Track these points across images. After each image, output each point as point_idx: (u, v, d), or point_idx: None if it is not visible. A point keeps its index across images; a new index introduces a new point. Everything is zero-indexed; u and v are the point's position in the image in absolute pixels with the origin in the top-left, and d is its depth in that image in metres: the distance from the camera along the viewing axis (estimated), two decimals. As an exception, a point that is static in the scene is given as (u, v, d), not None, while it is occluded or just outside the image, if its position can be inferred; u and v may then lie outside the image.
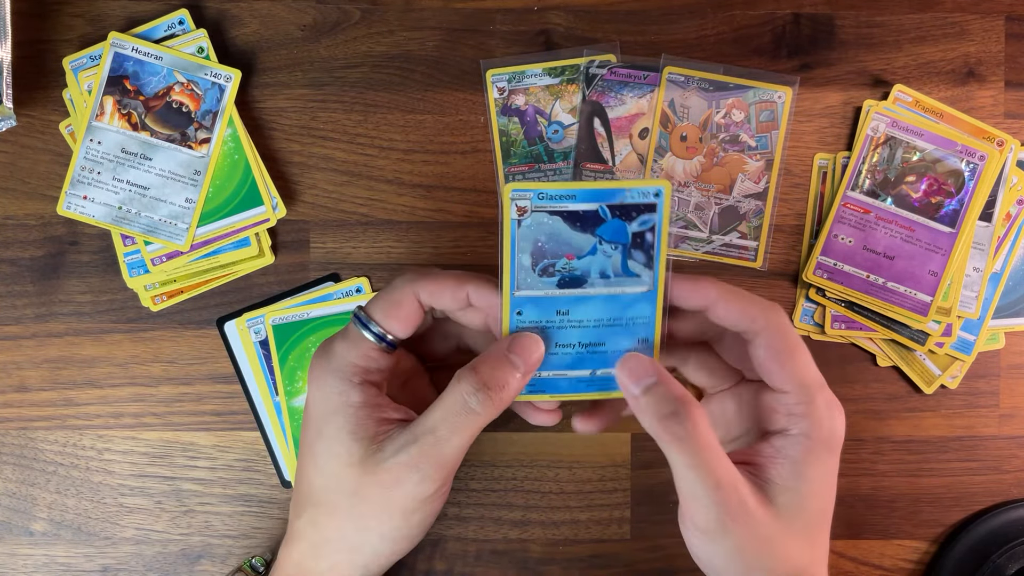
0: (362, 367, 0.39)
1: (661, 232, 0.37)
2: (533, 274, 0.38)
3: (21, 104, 0.51)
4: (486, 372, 0.38)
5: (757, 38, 0.52)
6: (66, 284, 0.52)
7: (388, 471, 0.38)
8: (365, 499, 0.39)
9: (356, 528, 0.39)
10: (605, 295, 0.38)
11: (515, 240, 0.37)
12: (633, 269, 0.38)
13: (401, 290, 0.40)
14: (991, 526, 0.51)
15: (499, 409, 0.38)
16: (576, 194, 0.37)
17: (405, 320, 0.40)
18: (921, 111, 0.52)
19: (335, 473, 0.39)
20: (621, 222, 0.37)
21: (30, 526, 0.51)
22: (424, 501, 0.38)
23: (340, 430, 0.39)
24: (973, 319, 0.51)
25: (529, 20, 0.52)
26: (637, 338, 0.38)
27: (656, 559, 0.52)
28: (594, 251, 0.38)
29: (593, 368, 0.39)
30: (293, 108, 0.52)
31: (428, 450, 0.38)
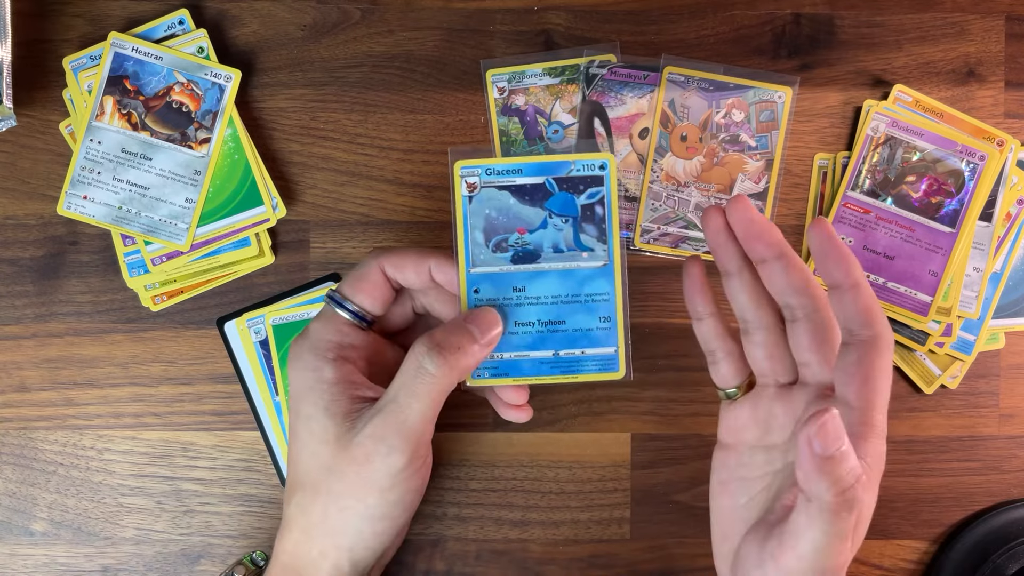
0: (335, 342, 0.40)
1: (611, 204, 0.38)
2: (487, 250, 0.38)
3: (21, 104, 0.51)
4: (440, 335, 0.38)
5: (757, 38, 0.52)
6: (66, 284, 0.52)
7: (359, 446, 0.38)
8: (342, 476, 0.39)
9: (337, 508, 0.39)
10: (560, 270, 0.38)
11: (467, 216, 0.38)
12: (586, 243, 0.38)
13: (367, 265, 0.41)
14: (991, 526, 0.51)
15: (456, 372, 0.38)
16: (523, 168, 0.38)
17: (373, 293, 0.40)
18: (921, 111, 0.52)
19: (314, 452, 0.40)
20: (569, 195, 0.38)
21: (30, 526, 0.51)
22: (397, 476, 0.38)
23: (315, 407, 0.40)
24: (973, 319, 0.51)
25: (529, 20, 0.52)
26: (598, 316, 0.39)
27: (656, 559, 0.52)
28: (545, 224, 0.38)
29: (555, 348, 0.39)
30: (293, 108, 0.52)
31: (390, 419, 0.38)
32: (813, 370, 0.37)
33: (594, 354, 0.39)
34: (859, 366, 0.34)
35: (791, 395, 0.39)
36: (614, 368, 0.40)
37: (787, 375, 0.39)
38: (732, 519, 0.40)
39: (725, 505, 0.40)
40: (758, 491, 0.39)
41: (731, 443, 0.41)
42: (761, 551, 0.35)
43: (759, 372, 0.40)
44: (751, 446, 0.40)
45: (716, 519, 0.41)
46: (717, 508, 0.41)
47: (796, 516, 0.33)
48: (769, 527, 0.35)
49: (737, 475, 0.40)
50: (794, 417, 0.38)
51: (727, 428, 0.41)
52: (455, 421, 0.52)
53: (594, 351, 0.39)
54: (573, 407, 0.52)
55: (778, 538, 0.34)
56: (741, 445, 0.40)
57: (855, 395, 0.34)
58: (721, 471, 0.41)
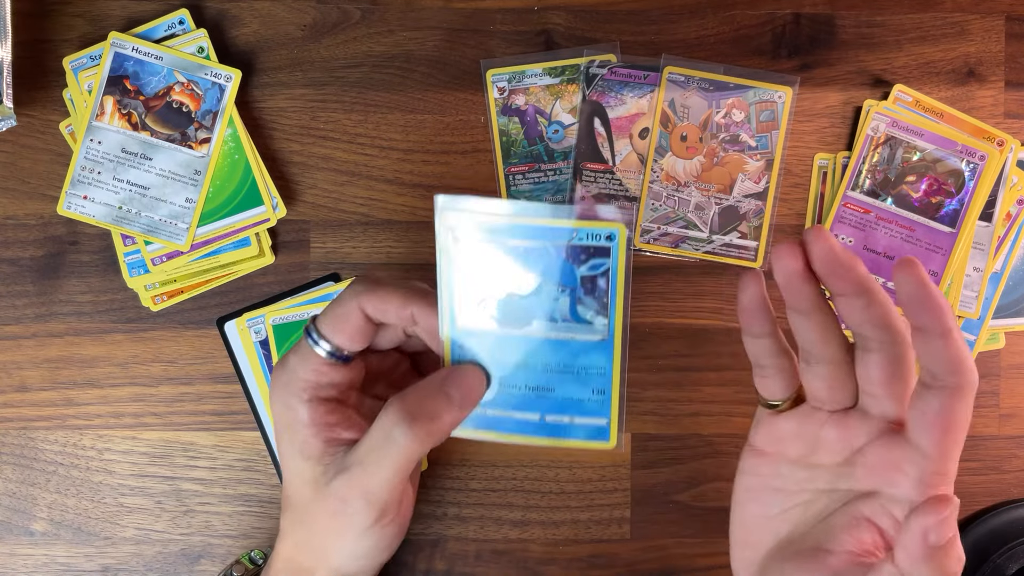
0: (312, 382, 0.38)
1: (616, 278, 0.33)
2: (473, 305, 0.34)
3: (21, 104, 0.51)
4: (413, 402, 0.36)
5: (757, 38, 0.52)
6: (66, 284, 0.52)
7: (327, 498, 0.38)
8: (316, 519, 0.39)
9: (319, 539, 0.39)
10: (553, 339, 0.34)
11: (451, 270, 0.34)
12: (583, 315, 0.34)
13: (346, 304, 0.38)
14: (991, 526, 0.51)
15: (430, 441, 0.36)
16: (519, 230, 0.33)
17: (353, 335, 0.38)
18: (921, 111, 0.52)
19: (295, 487, 0.40)
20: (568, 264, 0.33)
21: (30, 526, 0.51)
22: (367, 530, 0.38)
23: (291, 447, 0.39)
24: (973, 319, 0.51)
25: (529, 20, 0.52)
26: (592, 388, 0.35)
27: (656, 559, 0.52)
28: (539, 292, 0.34)
29: (542, 412, 0.36)
30: (293, 108, 0.52)
31: (355, 481, 0.37)
32: (881, 403, 0.35)
33: (584, 423, 0.36)
34: (940, 415, 0.32)
35: (848, 421, 0.36)
36: (604, 438, 0.36)
37: (846, 403, 0.36)
38: (760, 528, 0.38)
39: (754, 512, 0.38)
40: (793, 506, 0.37)
41: (768, 451, 0.38)
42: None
43: (814, 398, 0.37)
44: (792, 461, 0.38)
45: (740, 524, 0.39)
46: (744, 514, 0.39)
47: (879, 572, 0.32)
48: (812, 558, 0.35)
49: (772, 485, 0.38)
50: (849, 444, 0.36)
51: (767, 436, 0.38)
52: (455, 421, 0.52)
53: (584, 420, 0.36)
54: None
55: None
56: (780, 457, 0.38)
57: (933, 444, 0.32)
58: (751, 477, 0.39)
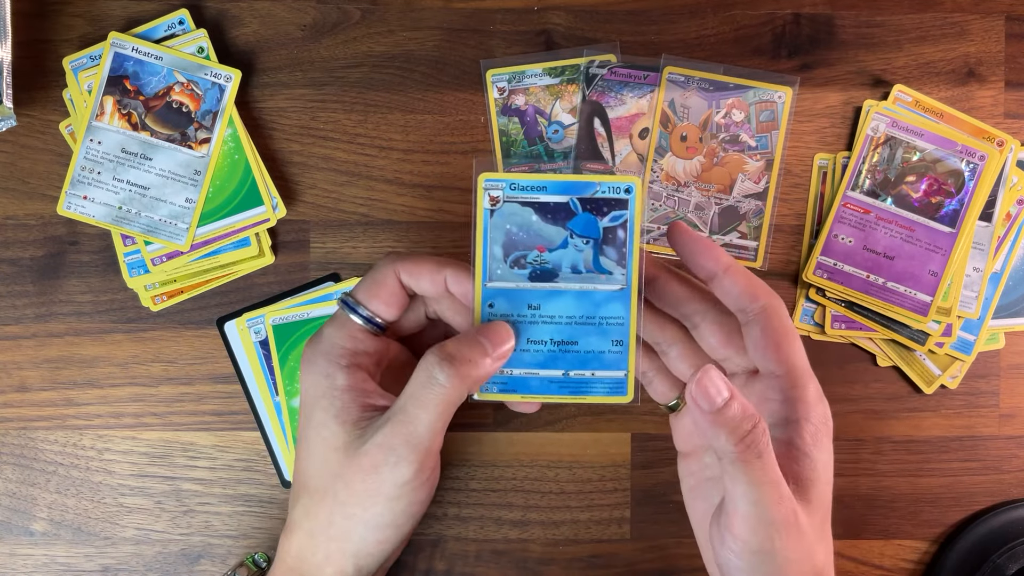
0: (349, 349, 0.40)
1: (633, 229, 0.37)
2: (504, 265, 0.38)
3: (21, 104, 0.51)
4: (452, 346, 0.38)
5: (757, 38, 0.52)
6: (66, 284, 0.52)
7: (367, 455, 0.38)
8: (348, 484, 0.39)
9: (343, 515, 0.39)
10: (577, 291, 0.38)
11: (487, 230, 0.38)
12: (605, 266, 0.38)
13: (383, 271, 0.40)
14: (991, 526, 0.51)
15: (467, 384, 0.38)
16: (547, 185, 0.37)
17: (388, 300, 0.40)
18: (921, 111, 0.52)
19: (322, 457, 0.39)
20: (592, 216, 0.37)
21: (30, 526, 0.51)
22: (404, 486, 0.38)
23: (326, 413, 0.39)
24: (973, 319, 0.51)
25: (529, 20, 0.52)
26: (611, 339, 0.38)
27: (656, 559, 0.52)
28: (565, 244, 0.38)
29: (565, 368, 0.39)
30: (293, 108, 0.52)
31: (399, 429, 0.38)
32: (735, 361, 0.39)
33: (604, 376, 0.39)
34: (764, 335, 0.36)
35: None
36: (623, 392, 0.39)
37: None
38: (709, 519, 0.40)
39: (701, 508, 0.41)
40: None
41: (689, 450, 0.42)
42: (719, 530, 0.36)
43: (687, 380, 0.41)
44: (707, 448, 0.41)
45: (696, 524, 0.42)
46: (694, 513, 0.42)
47: (725, 483, 0.34)
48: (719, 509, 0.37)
49: (703, 476, 0.41)
50: None
51: (681, 438, 0.42)
52: (455, 421, 0.51)
53: (604, 374, 0.39)
54: (573, 407, 0.52)
55: (724, 511, 0.35)
56: (699, 450, 0.41)
57: (773, 362, 0.37)
58: (688, 478, 0.42)
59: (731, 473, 0.34)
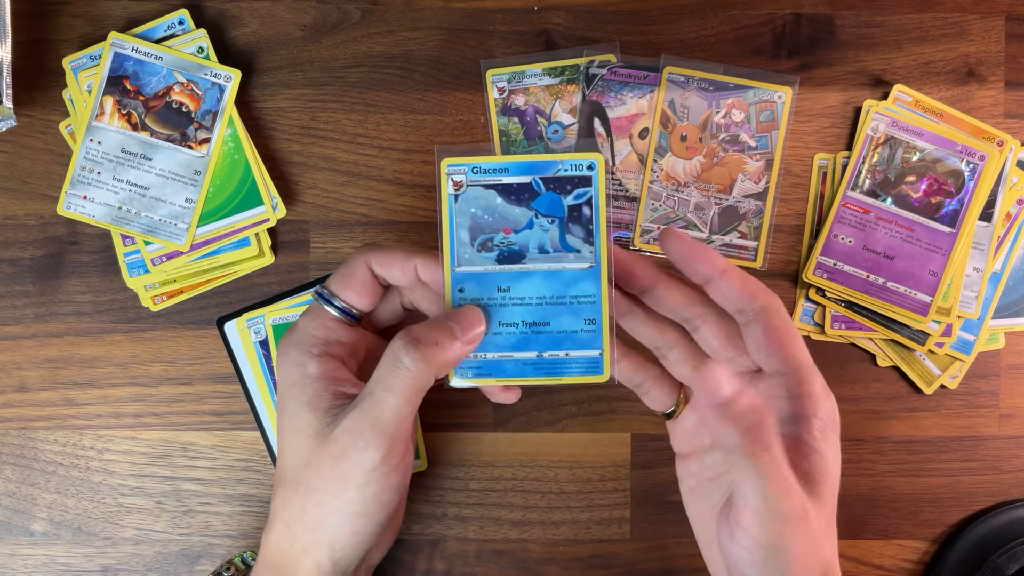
0: (321, 338, 0.40)
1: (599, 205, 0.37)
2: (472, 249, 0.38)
3: (21, 104, 0.51)
4: (418, 330, 0.38)
5: (757, 38, 0.52)
6: (66, 284, 0.52)
7: (336, 441, 0.38)
8: (319, 471, 0.39)
9: (314, 504, 0.39)
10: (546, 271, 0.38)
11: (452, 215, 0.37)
12: (572, 244, 0.37)
13: (354, 261, 0.41)
14: (991, 526, 0.51)
15: (433, 368, 0.37)
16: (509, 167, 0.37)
17: (360, 290, 0.40)
18: (921, 111, 0.52)
19: (295, 447, 0.40)
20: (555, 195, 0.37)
21: (30, 526, 0.51)
22: (373, 471, 0.38)
23: (298, 402, 0.40)
24: (973, 319, 0.51)
25: (529, 20, 0.52)
26: (583, 318, 0.38)
27: (656, 559, 0.52)
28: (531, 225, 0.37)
29: (539, 350, 0.38)
30: (293, 108, 0.52)
31: (366, 413, 0.38)
32: (737, 362, 0.39)
33: (578, 356, 0.39)
34: (765, 335, 0.36)
35: None
36: (598, 371, 0.39)
37: None
38: (713, 520, 0.40)
39: (702, 508, 0.41)
40: (727, 486, 0.40)
41: (689, 452, 0.42)
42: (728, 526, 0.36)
43: (692, 384, 0.41)
44: (710, 448, 0.41)
45: (697, 525, 0.42)
46: (695, 514, 0.42)
47: (734, 478, 0.34)
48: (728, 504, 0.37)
49: (704, 477, 0.41)
50: None
51: (680, 440, 0.42)
52: (455, 421, 0.52)
53: (578, 353, 0.39)
54: (573, 407, 0.52)
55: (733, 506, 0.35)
56: (699, 451, 0.41)
57: (778, 360, 0.37)
58: (688, 479, 0.42)
59: (740, 467, 0.34)
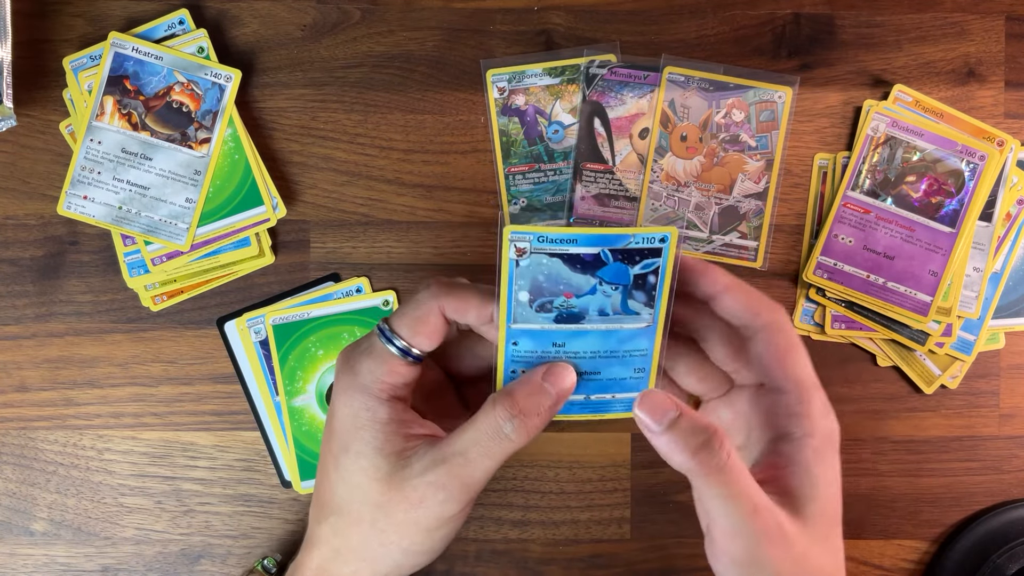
0: (389, 383, 0.39)
1: (665, 274, 0.36)
2: (530, 310, 0.37)
3: (21, 104, 0.51)
4: (522, 399, 0.37)
5: (757, 38, 0.52)
6: (66, 284, 0.52)
7: (415, 489, 0.38)
8: (389, 514, 0.39)
9: (379, 542, 0.39)
10: (603, 330, 0.37)
11: (512, 279, 0.37)
12: (633, 308, 0.37)
13: (427, 305, 0.39)
14: (991, 526, 0.51)
15: (530, 436, 0.38)
16: (578, 239, 0.36)
17: (431, 335, 0.39)
18: (921, 111, 0.52)
19: (360, 485, 0.39)
20: (623, 265, 0.36)
21: (30, 526, 0.51)
22: (447, 520, 0.38)
23: (367, 445, 0.39)
24: (973, 319, 0.51)
25: (529, 20, 0.52)
26: (633, 367, 0.38)
27: (656, 559, 0.52)
28: (593, 291, 0.37)
29: (587, 393, 0.39)
30: (293, 108, 0.52)
31: (457, 471, 0.38)
32: (743, 374, 0.39)
33: (623, 397, 0.39)
34: (766, 351, 0.36)
35: (732, 400, 0.40)
36: None
37: (722, 387, 0.41)
38: None
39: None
40: None
41: None
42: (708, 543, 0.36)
43: (699, 392, 0.41)
44: None
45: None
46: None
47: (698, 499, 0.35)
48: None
49: None
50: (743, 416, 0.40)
51: None
52: (455, 421, 0.52)
53: (624, 395, 0.39)
54: (573, 407, 0.52)
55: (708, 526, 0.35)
56: None
57: (780, 377, 0.37)
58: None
59: (698, 488, 0.34)
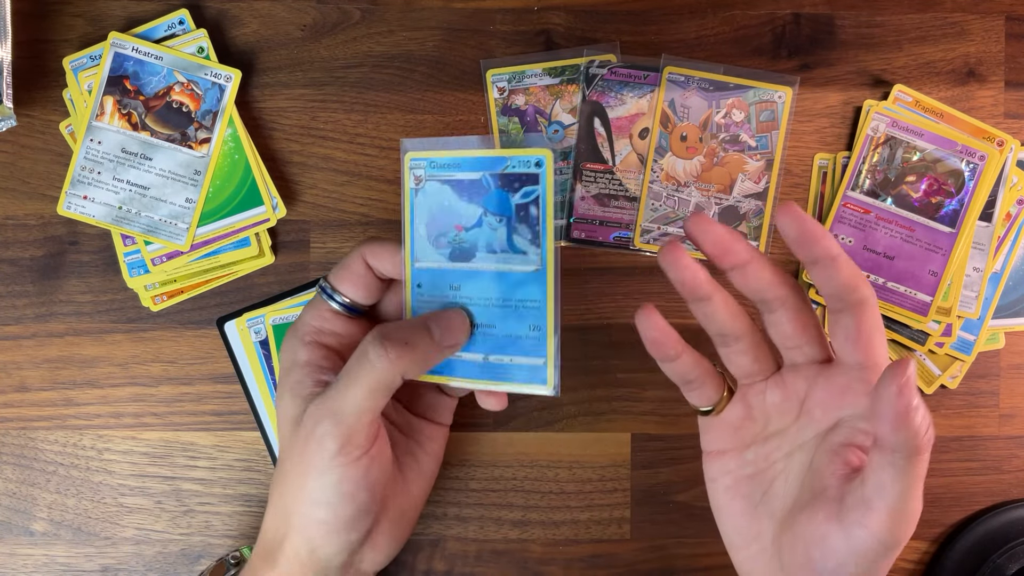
0: (315, 327, 0.41)
1: (546, 205, 0.35)
2: (428, 245, 0.37)
3: (21, 104, 0.51)
4: (390, 327, 0.38)
5: (757, 38, 0.52)
6: (66, 284, 0.52)
7: (303, 426, 0.39)
8: (290, 457, 0.40)
9: (286, 487, 0.40)
10: (494, 271, 0.37)
11: (413, 209, 0.37)
12: (519, 245, 0.36)
13: (351, 255, 0.42)
14: (991, 526, 0.51)
15: (400, 367, 0.37)
16: (462, 162, 0.36)
17: (356, 282, 0.41)
18: (921, 111, 0.52)
19: (281, 433, 0.41)
20: (504, 192, 0.36)
21: (30, 526, 0.51)
22: (331, 460, 0.38)
23: (284, 387, 0.41)
24: (973, 319, 0.51)
25: (529, 20, 0.52)
26: (528, 324, 0.37)
27: (656, 559, 0.52)
28: (480, 223, 0.36)
29: (485, 352, 0.38)
30: (293, 108, 0.52)
31: (327, 402, 0.38)
32: (803, 350, 0.38)
33: (521, 363, 0.38)
34: (859, 328, 0.35)
35: (783, 380, 0.39)
36: (542, 380, 0.38)
37: (773, 366, 0.40)
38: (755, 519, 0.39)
39: (741, 509, 0.40)
40: (773, 480, 0.39)
41: (726, 448, 0.41)
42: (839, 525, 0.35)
43: (746, 375, 0.40)
44: (752, 443, 0.40)
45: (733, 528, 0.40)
46: (733, 515, 0.40)
47: (877, 475, 0.33)
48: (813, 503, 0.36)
49: (745, 474, 0.40)
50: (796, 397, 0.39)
51: (719, 437, 0.41)
52: (455, 421, 0.51)
53: (522, 360, 0.38)
54: (573, 407, 0.52)
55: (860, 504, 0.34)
56: (740, 446, 0.40)
57: (862, 355, 0.36)
58: (724, 477, 0.41)
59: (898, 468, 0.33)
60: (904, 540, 0.34)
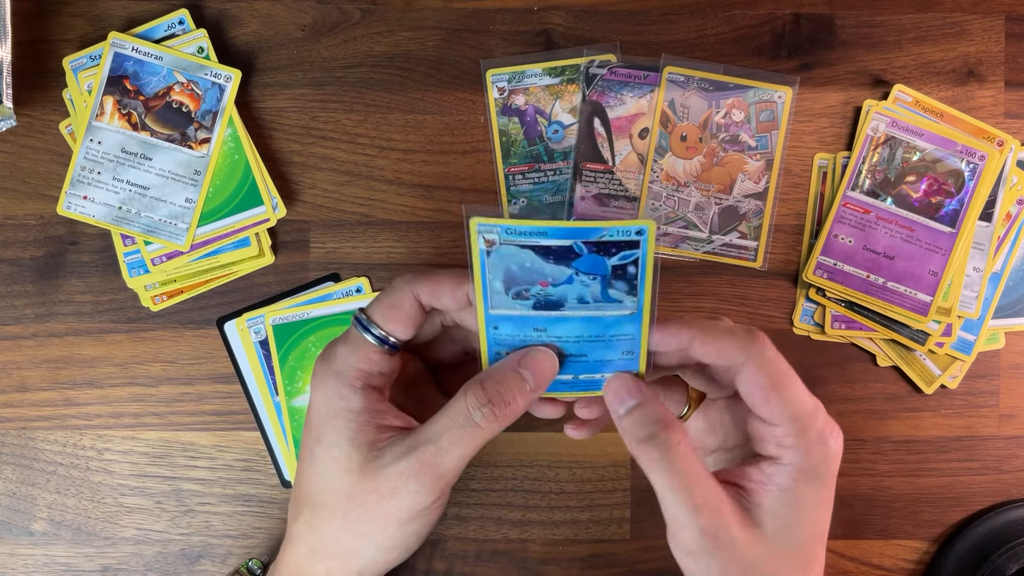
0: (364, 371, 0.39)
1: (645, 266, 0.35)
2: (506, 297, 0.36)
3: (21, 104, 0.51)
4: (492, 387, 0.37)
5: (757, 38, 0.52)
6: (66, 284, 0.52)
7: (386, 479, 0.38)
8: (361, 505, 0.38)
9: (352, 534, 0.39)
10: (584, 316, 0.36)
11: (484, 268, 0.35)
12: (614, 296, 0.36)
13: (401, 291, 0.39)
14: (991, 526, 0.51)
15: (504, 424, 0.37)
16: (548, 231, 0.34)
17: (406, 321, 0.39)
18: (921, 111, 0.52)
19: (333, 477, 0.39)
20: (600, 256, 0.35)
21: (30, 526, 0.51)
22: (420, 512, 0.38)
23: (339, 435, 0.39)
24: (973, 319, 0.51)
25: (529, 20, 0.52)
26: (621, 351, 0.37)
27: (656, 559, 0.52)
28: (571, 280, 0.35)
29: (575, 373, 0.38)
30: (293, 108, 0.52)
31: (428, 460, 0.37)
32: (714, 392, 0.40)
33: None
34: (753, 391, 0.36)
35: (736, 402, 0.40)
36: None
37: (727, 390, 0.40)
38: None
39: None
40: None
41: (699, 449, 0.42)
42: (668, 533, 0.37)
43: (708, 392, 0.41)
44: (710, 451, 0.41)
45: None
46: None
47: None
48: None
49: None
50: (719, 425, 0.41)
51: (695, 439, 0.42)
52: (455, 421, 0.52)
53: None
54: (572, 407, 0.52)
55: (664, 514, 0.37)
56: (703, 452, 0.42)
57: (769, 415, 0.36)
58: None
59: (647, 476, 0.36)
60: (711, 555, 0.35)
